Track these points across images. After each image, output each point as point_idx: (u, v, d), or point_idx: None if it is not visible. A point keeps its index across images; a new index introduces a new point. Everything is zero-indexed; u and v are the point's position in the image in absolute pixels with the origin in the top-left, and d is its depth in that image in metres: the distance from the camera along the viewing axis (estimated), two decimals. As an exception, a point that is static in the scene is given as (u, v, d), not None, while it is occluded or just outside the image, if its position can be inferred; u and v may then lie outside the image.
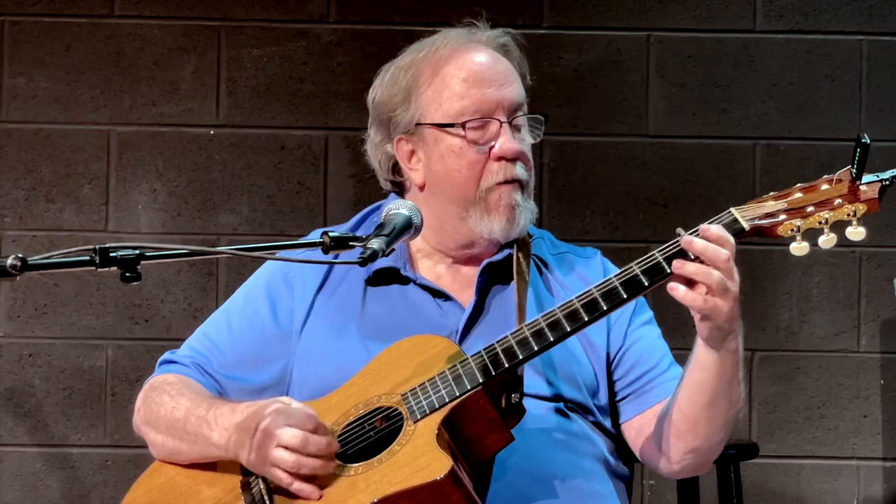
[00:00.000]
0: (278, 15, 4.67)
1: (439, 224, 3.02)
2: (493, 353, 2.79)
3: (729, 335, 2.76)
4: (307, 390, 2.97)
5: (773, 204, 2.77)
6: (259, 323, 3.05)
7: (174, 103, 4.67)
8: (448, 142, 2.98)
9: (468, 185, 2.97)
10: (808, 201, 2.75)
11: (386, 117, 3.07)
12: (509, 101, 2.99)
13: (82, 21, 4.66)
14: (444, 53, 3.02)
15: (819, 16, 4.66)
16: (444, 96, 2.99)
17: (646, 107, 4.67)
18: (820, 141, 4.66)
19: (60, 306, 4.64)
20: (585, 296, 2.78)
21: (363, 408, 2.85)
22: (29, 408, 4.63)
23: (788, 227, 2.74)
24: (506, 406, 2.80)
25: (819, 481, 4.63)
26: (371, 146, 3.13)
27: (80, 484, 4.62)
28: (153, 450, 3.02)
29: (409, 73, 3.04)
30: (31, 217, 4.65)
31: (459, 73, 2.99)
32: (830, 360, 4.65)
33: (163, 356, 3.15)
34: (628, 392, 3.00)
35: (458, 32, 3.09)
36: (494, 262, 3.02)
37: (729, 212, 2.80)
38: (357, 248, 2.70)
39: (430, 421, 2.76)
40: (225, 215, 4.66)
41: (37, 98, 4.66)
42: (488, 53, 3.03)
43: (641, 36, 4.67)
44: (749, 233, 2.77)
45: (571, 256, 3.11)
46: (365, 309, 3.01)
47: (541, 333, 2.78)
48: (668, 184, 4.66)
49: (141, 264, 2.56)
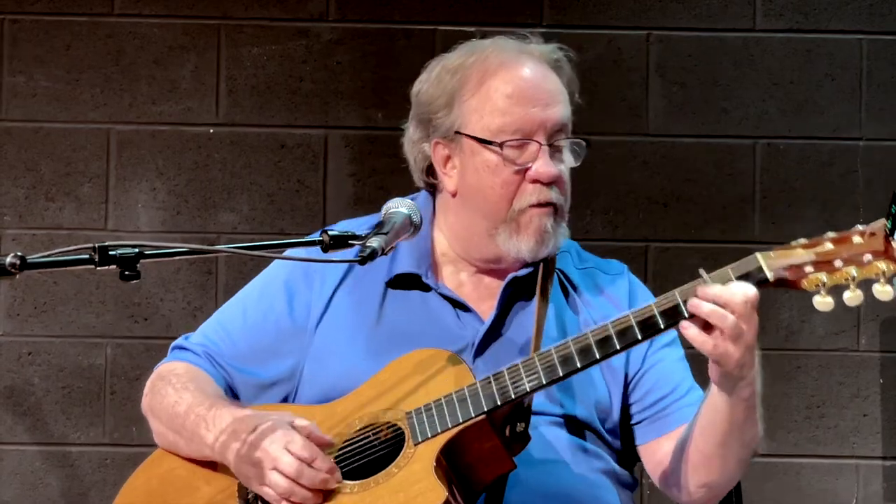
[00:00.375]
0: (278, 13, 4.67)
1: (467, 234, 2.98)
2: (502, 382, 2.75)
3: (740, 381, 2.71)
4: (316, 390, 2.95)
5: (801, 253, 2.69)
6: (274, 316, 3.03)
7: (174, 102, 4.67)
8: (485, 156, 2.93)
9: (501, 203, 2.93)
10: (837, 254, 2.66)
11: (427, 118, 3.01)
12: (552, 123, 2.94)
13: (82, 20, 4.66)
14: (492, 63, 2.95)
15: (819, 15, 4.66)
16: (486, 109, 2.93)
17: (646, 106, 4.67)
18: (820, 140, 4.66)
19: (60, 305, 4.64)
20: (601, 331, 2.74)
21: (367, 420, 2.83)
22: (28, 406, 4.63)
23: (814, 282, 2.67)
24: (510, 434, 2.77)
25: (819, 480, 4.63)
26: (408, 141, 3.06)
27: (80, 482, 4.62)
28: (156, 437, 3.02)
29: (455, 77, 2.97)
30: (30, 215, 4.65)
31: (505, 87, 2.93)
32: (830, 359, 4.64)
33: (176, 341, 3.12)
34: (645, 416, 2.97)
35: (509, 42, 3.00)
36: (519, 276, 2.98)
37: (754, 257, 2.75)
38: (356, 246, 2.69)
39: (430, 445, 2.74)
40: (224, 214, 4.66)
41: (37, 96, 4.66)
42: (538, 69, 2.96)
43: (641, 35, 4.67)
44: (772, 284, 2.72)
45: (598, 273, 3.06)
46: (382, 312, 2.98)
47: (551, 367, 2.75)
48: (668, 183, 4.66)
49: (140, 263, 2.56)
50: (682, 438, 2.87)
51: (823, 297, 2.65)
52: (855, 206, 4.64)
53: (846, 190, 4.64)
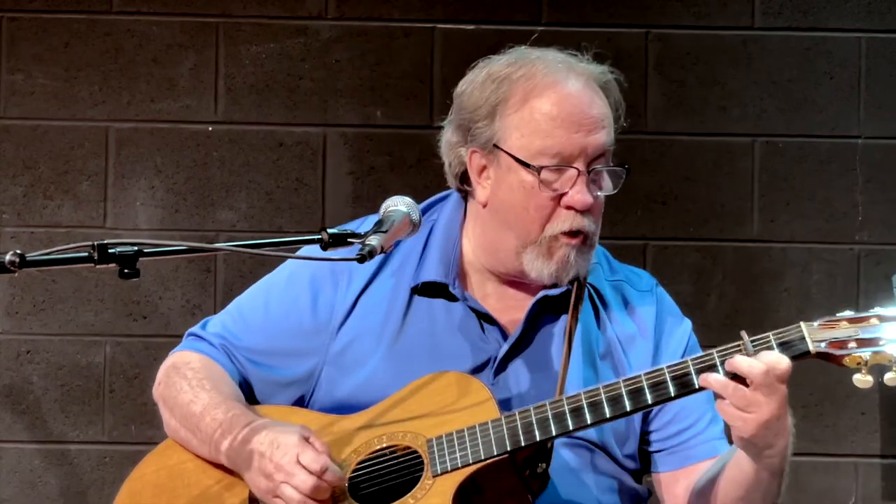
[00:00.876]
0: (276, 11, 4.66)
1: (493, 248, 2.94)
2: (527, 421, 2.72)
3: (765, 450, 2.70)
4: (333, 396, 2.92)
5: (846, 328, 2.65)
6: (297, 313, 2.98)
7: (172, 100, 4.66)
8: (521, 176, 2.88)
9: (533, 226, 2.88)
10: (882, 336, 2.61)
11: (467, 124, 2.94)
12: (593, 149, 2.88)
13: (81, 17, 4.65)
14: (539, 81, 2.89)
15: (818, 13, 4.66)
16: (528, 128, 2.87)
17: (644, 104, 4.67)
18: (819, 138, 4.66)
19: (59, 303, 4.63)
20: (633, 382, 2.71)
21: (387, 441, 2.80)
22: (27, 404, 4.63)
23: (855, 360, 2.64)
24: (530, 474, 2.75)
25: (817, 479, 4.63)
26: (445, 143, 3.00)
27: (79, 480, 4.62)
28: (166, 428, 3.00)
29: (500, 88, 2.90)
30: (29, 213, 4.64)
31: (550, 108, 2.87)
32: (829, 358, 4.64)
33: (192, 328, 3.07)
34: (665, 447, 2.94)
35: (559, 58, 2.95)
36: (551, 296, 2.94)
37: (798, 326, 2.72)
38: (356, 244, 2.68)
39: (449, 480, 2.71)
40: (223, 212, 4.66)
41: (35, 94, 4.65)
42: (585, 91, 2.91)
43: (640, 33, 4.67)
44: (812, 356, 2.69)
45: (627, 287, 3.02)
46: (407, 321, 2.94)
47: (579, 412, 2.71)
48: (667, 181, 4.66)
49: (139, 261, 2.56)
50: (704, 481, 2.85)
51: (864, 376, 2.63)
52: (854, 205, 4.64)
53: (845, 188, 4.64)
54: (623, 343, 2.90)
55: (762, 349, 2.68)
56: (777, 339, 2.73)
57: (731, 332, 4.58)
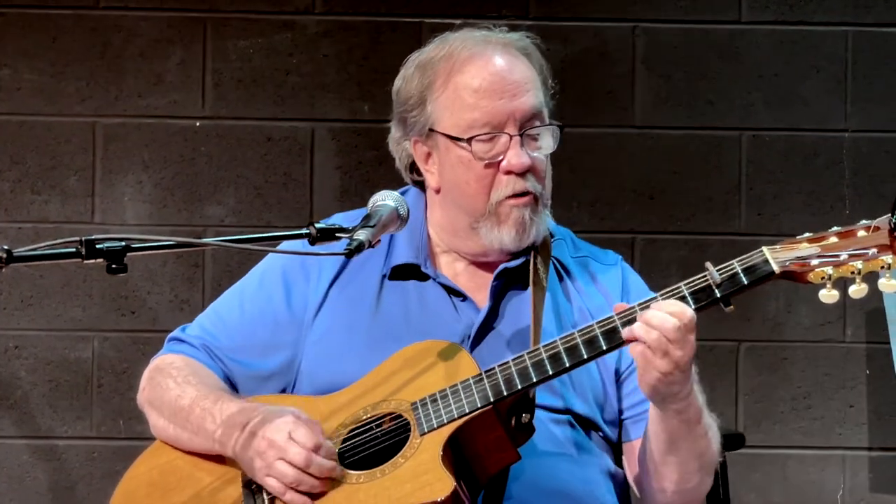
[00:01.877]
0: (264, 6, 4.66)
1: (453, 229, 2.99)
2: (507, 372, 2.76)
3: (667, 399, 2.72)
4: (315, 384, 2.95)
5: (806, 247, 2.72)
6: (272, 308, 3.02)
7: (160, 95, 4.66)
8: (458, 153, 2.94)
9: (478, 197, 2.93)
10: (842, 248, 2.69)
11: (403, 116, 3.01)
12: (522, 112, 2.92)
13: (67, 13, 4.65)
14: (459, 58, 2.94)
15: (804, 7, 4.67)
16: (455, 105, 2.93)
17: (632, 98, 4.67)
18: (806, 132, 4.67)
19: (46, 298, 4.63)
20: (606, 322, 2.74)
21: (371, 410, 2.83)
22: (15, 400, 4.63)
23: (819, 275, 2.69)
24: (515, 425, 2.78)
25: (805, 471, 4.64)
26: (392, 140, 3.07)
27: (67, 476, 4.62)
28: (154, 431, 3.01)
29: (425, 74, 2.97)
30: (16, 209, 4.64)
31: (472, 81, 2.92)
32: (816, 351, 4.65)
33: (172, 333, 3.10)
34: (630, 415, 2.97)
35: (475, 34, 2.99)
36: (510, 268, 2.99)
37: (760, 251, 2.77)
38: (343, 238, 2.69)
39: (436, 436, 2.74)
40: (211, 207, 4.66)
41: (22, 90, 4.65)
42: (505, 59, 2.95)
43: (627, 27, 4.67)
44: (778, 276, 2.73)
45: (591, 261, 3.06)
46: (380, 304, 2.98)
47: (557, 357, 2.75)
48: (655, 175, 4.66)
49: (127, 256, 2.56)
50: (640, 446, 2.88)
51: (829, 291, 2.68)
52: (840, 198, 4.65)
53: (832, 181, 4.65)
54: (592, 312, 2.92)
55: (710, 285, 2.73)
56: (741, 265, 2.77)
57: (719, 327, 4.61)
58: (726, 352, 4.65)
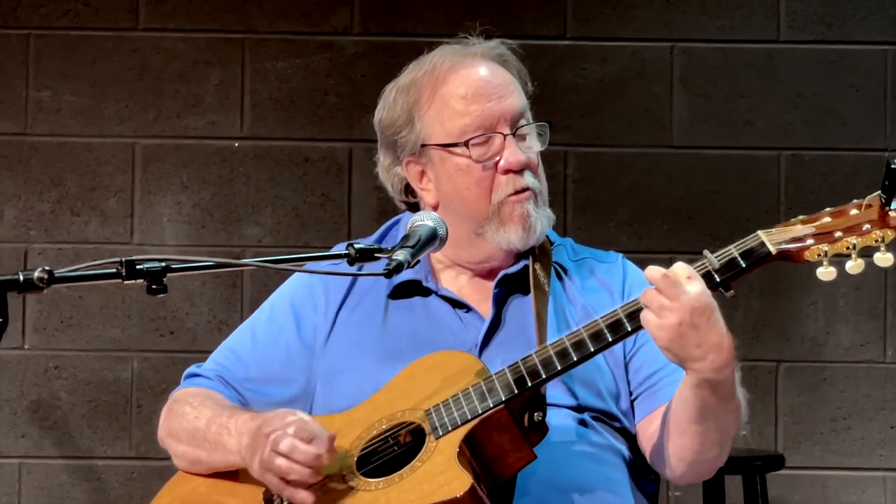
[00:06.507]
0: (302, 27, 4.68)
1: (456, 240, 3.01)
2: (518, 372, 2.78)
3: (687, 361, 2.72)
4: (330, 406, 2.97)
5: (800, 228, 2.76)
6: (284, 339, 3.06)
7: (198, 116, 4.68)
8: (454, 161, 2.97)
9: (480, 201, 2.96)
10: (836, 226, 2.73)
11: (391, 140, 3.04)
12: (511, 113, 2.96)
13: (107, 34, 4.68)
14: (441, 71, 3.00)
15: (843, 25, 4.65)
16: (445, 115, 2.96)
17: (670, 117, 4.67)
18: (844, 151, 4.65)
19: (86, 319, 4.65)
20: (610, 316, 2.77)
21: (386, 422, 2.85)
22: (55, 420, 4.65)
23: (815, 252, 2.72)
24: (528, 424, 2.80)
25: (845, 493, 4.62)
26: (382, 170, 3.10)
27: (106, 496, 4.63)
28: (176, 461, 3.03)
29: (409, 94, 3.02)
30: (56, 230, 4.67)
31: (458, 90, 2.97)
32: (856, 371, 4.63)
33: (188, 370, 3.15)
34: (639, 392, 2.99)
35: (453, 48, 3.06)
36: (510, 273, 3.02)
37: (756, 235, 2.80)
38: (382, 259, 2.70)
39: (451, 437, 2.77)
40: (249, 227, 4.67)
41: (62, 111, 4.68)
42: (486, 66, 3.01)
43: (665, 47, 4.67)
44: (775, 257, 2.75)
45: (591, 261, 3.09)
46: (387, 323, 3.01)
47: (565, 353, 2.77)
48: (693, 194, 4.66)
49: (167, 276, 2.56)
50: (665, 411, 2.88)
51: (826, 268, 2.71)
52: (880, 217, 4.63)
53: (871, 201, 4.63)
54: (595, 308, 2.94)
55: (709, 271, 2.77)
56: (738, 249, 2.81)
57: (758, 346, 4.60)
58: (765, 372, 4.63)
